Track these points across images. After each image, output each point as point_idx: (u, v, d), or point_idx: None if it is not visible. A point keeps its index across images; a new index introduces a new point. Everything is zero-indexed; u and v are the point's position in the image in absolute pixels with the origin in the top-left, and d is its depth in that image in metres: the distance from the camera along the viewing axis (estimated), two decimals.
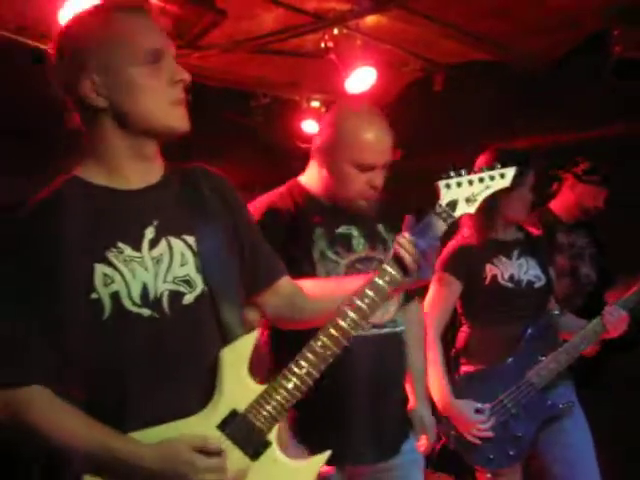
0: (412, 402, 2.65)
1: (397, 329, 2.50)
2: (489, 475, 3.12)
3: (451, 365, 3.21)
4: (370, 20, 3.84)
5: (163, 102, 1.69)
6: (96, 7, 1.76)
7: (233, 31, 3.91)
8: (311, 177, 2.54)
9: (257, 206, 2.41)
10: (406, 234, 1.83)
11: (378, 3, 3.60)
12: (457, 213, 1.88)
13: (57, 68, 1.73)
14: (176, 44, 3.75)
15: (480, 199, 1.90)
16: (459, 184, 1.89)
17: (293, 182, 2.57)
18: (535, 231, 3.34)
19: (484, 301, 3.18)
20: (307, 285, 2.00)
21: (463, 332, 3.29)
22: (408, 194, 2.89)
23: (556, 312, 3.22)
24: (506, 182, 1.93)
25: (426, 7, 3.67)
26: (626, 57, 3.75)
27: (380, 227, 2.54)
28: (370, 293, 1.78)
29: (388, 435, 2.47)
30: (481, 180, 1.91)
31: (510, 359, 3.12)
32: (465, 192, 1.89)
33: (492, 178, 1.91)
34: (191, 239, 1.75)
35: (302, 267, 2.32)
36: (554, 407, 3.11)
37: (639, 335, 3.24)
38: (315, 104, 4.97)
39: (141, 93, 1.68)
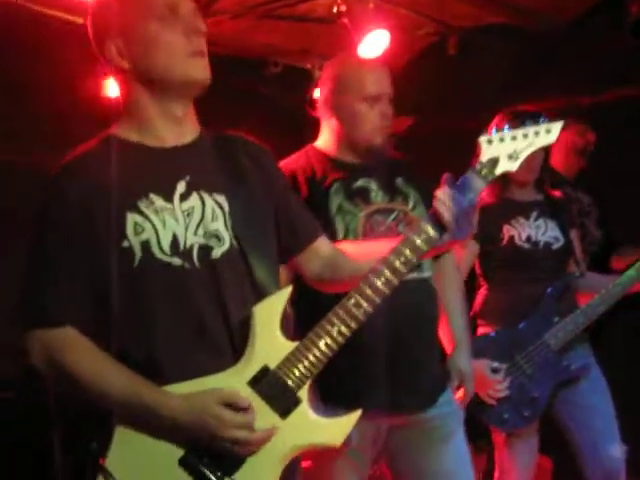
0: (449, 350, 2.64)
1: (424, 274, 2.48)
2: (504, 435, 3.13)
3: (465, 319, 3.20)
4: None
5: (180, 54, 1.70)
6: None
7: None
8: (325, 139, 2.57)
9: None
10: (446, 189, 1.75)
11: None
12: (498, 171, 1.78)
13: (90, 31, 1.80)
14: None
15: (523, 156, 1.79)
16: (501, 139, 1.78)
17: (308, 147, 2.60)
18: (557, 193, 3.31)
19: (501, 262, 3.17)
20: (346, 246, 2.03)
21: (481, 294, 3.28)
22: (422, 157, 2.88)
23: (575, 274, 3.20)
24: (552, 138, 1.80)
25: None
26: None
27: (399, 180, 2.53)
28: (406, 252, 1.73)
29: (424, 385, 2.46)
30: (525, 136, 1.79)
31: (527, 320, 3.11)
32: (507, 148, 1.78)
33: (537, 134, 1.79)
34: (221, 198, 1.77)
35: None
36: (570, 369, 3.10)
37: None
38: None
39: (157, 47, 1.71)
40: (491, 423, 3.10)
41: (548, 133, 1.80)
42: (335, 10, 3.95)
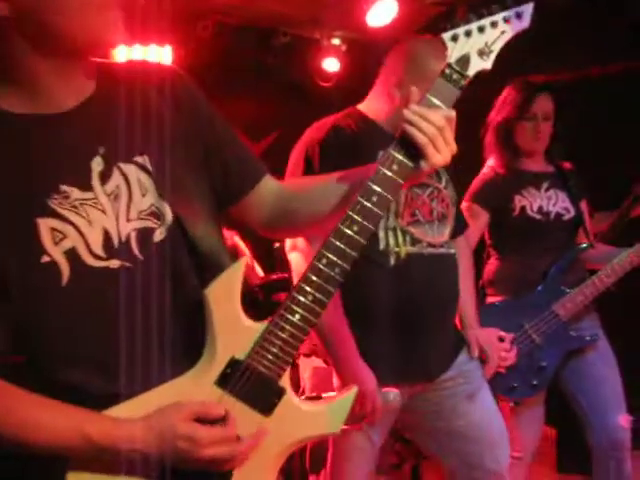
0: (460, 326, 2.67)
1: (451, 250, 2.51)
2: (512, 404, 3.16)
3: (478, 295, 3.22)
4: None
5: (89, 8, 1.29)
6: None
7: None
8: (375, 105, 2.51)
9: (321, 125, 2.41)
10: (414, 106, 1.42)
11: None
12: (470, 71, 1.45)
13: None
14: None
15: (496, 49, 1.47)
16: (468, 33, 1.45)
17: (352, 109, 2.55)
18: (566, 165, 3.32)
19: (512, 232, 3.18)
20: (292, 184, 1.73)
21: (491, 263, 3.29)
22: None
23: (584, 245, 3.21)
24: (524, 23, 1.48)
25: None
26: None
27: None
28: (377, 188, 1.41)
29: (440, 351, 2.49)
30: (494, 24, 1.46)
31: (536, 290, 3.12)
32: (477, 43, 1.45)
33: (507, 20, 1.46)
34: (144, 159, 1.40)
35: None
36: (579, 339, 3.12)
37: None
38: (335, 42, 4.94)
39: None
40: (499, 392, 3.11)
41: (519, 18, 1.47)
42: None
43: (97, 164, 1.36)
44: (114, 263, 1.35)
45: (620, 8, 3.90)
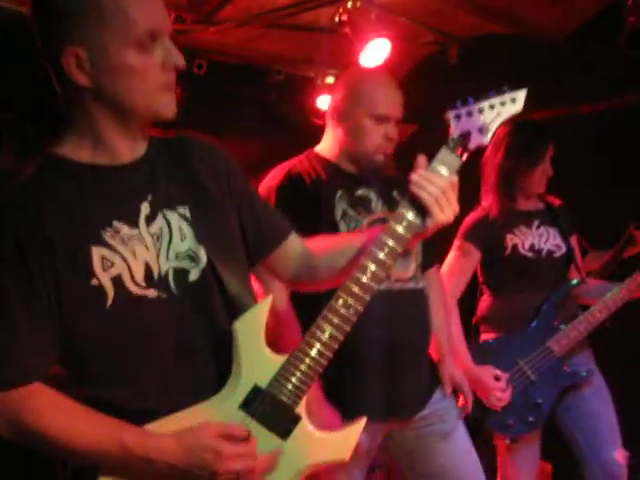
0: (436, 359, 2.68)
1: (420, 285, 2.54)
2: (508, 441, 3.15)
3: (472, 333, 3.24)
4: None
5: (152, 87, 1.54)
6: None
7: (248, 5, 3.93)
8: (327, 145, 2.61)
9: (277, 171, 2.49)
10: (421, 171, 1.66)
11: None
12: (472, 145, 1.71)
13: (38, 32, 1.55)
14: (191, 18, 3.82)
15: (494, 127, 1.73)
16: (469, 113, 1.71)
17: (309, 152, 2.64)
18: (556, 201, 3.35)
19: (505, 270, 3.20)
20: (313, 242, 1.91)
21: (484, 301, 3.32)
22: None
23: (576, 280, 3.23)
24: (518, 106, 1.75)
25: None
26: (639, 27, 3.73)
27: (395, 193, 2.57)
28: (389, 242, 1.64)
29: (415, 389, 2.51)
30: (492, 107, 1.73)
31: (530, 327, 3.14)
32: (477, 121, 1.71)
33: (503, 104, 1.73)
34: (185, 209, 1.64)
35: (322, 228, 2.32)
36: (573, 375, 3.13)
37: None
38: (330, 80, 4.97)
39: (129, 76, 1.52)
40: (495, 429, 3.12)
41: (513, 102, 1.75)
42: (337, 19, 3.98)
43: (145, 208, 1.60)
44: (152, 293, 1.56)
45: (610, 47, 3.95)
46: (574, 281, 3.23)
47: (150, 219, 1.60)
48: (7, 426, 1.49)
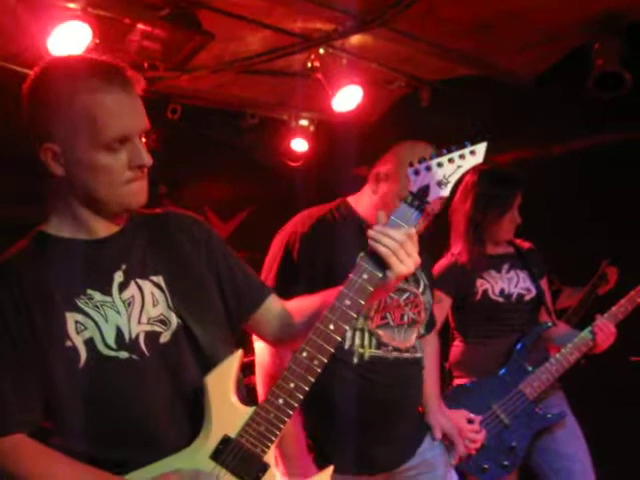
0: (422, 409, 2.69)
1: (417, 355, 2.54)
2: None
3: (445, 378, 3.25)
4: (355, 39, 3.90)
5: (117, 182, 1.66)
6: (76, 68, 1.68)
7: (221, 52, 3.98)
8: (363, 201, 2.56)
9: (306, 218, 2.46)
10: (377, 227, 1.72)
11: (362, 23, 3.65)
12: (430, 198, 1.74)
13: (26, 114, 1.69)
14: (165, 66, 3.86)
15: (453, 180, 1.75)
16: (428, 168, 1.73)
17: (340, 201, 2.59)
18: (525, 244, 3.39)
19: (475, 316, 3.23)
20: (292, 303, 1.97)
21: (456, 346, 3.33)
22: None
23: (547, 324, 3.25)
24: (478, 159, 1.77)
25: (408, 26, 3.73)
26: (607, 70, 3.80)
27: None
28: (349, 293, 1.69)
29: (401, 443, 2.50)
30: (451, 160, 1.74)
31: (502, 371, 3.16)
32: (436, 175, 1.73)
33: (462, 157, 1.75)
34: (159, 278, 1.75)
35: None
36: (547, 417, 3.15)
37: None
38: (303, 123, 5.03)
39: (98, 174, 1.65)
40: (471, 473, 3.12)
41: (473, 155, 1.76)
42: (309, 65, 4.03)
43: (118, 276, 1.72)
44: (123, 354, 1.66)
45: (580, 86, 4.02)
46: (545, 324, 3.25)
47: (123, 286, 1.71)
48: None
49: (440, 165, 1.74)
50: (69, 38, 3.22)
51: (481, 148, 1.78)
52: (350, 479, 2.35)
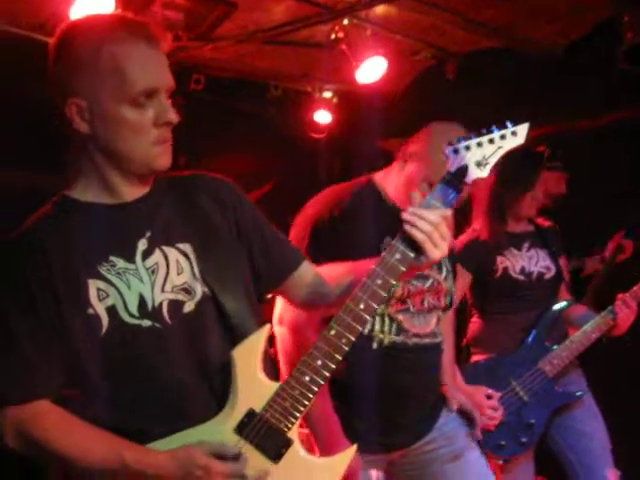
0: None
1: (436, 340, 2.51)
2: (501, 462, 3.15)
3: (463, 354, 3.24)
4: (379, 10, 3.84)
5: (145, 142, 1.63)
6: (102, 22, 1.68)
7: (245, 22, 3.94)
8: (389, 179, 2.49)
9: (331, 201, 2.38)
10: (411, 208, 1.68)
11: None
12: (469, 179, 1.71)
13: (52, 71, 1.67)
14: (188, 36, 3.84)
15: (493, 161, 1.73)
16: (467, 148, 1.71)
17: (368, 180, 2.50)
18: (545, 222, 3.35)
19: (495, 293, 3.21)
20: (325, 270, 1.94)
21: (474, 322, 3.32)
22: None
23: (566, 302, 3.23)
24: (520, 139, 1.74)
25: None
26: (638, 42, 3.72)
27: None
28: (381, 272, 1.67)
29: (421, 418, 2.49)
30: (491, 141, 1.71)
31: (522, 347, 3.15)
32: (475, 155, 1.71)
33: (503, 137, 1.72)
34: (186, 246, 1.72)
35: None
36: (566, 395, 3.15)
37: None
38: (327, 94, 4.99)
39: (124, 130, 1.62)
40: (488, 450, 3.11)
41: (514, 136, 1.73)
42: (334, 37, 3.98)
43: (142, 244, 1.69)
44: (146, 323, 1.65)
45: (609, 60, 3.94)
46: (564, 303, 3.23)
47: (147, 254, 1.68)
48: (18, 439, 1.63)
49: (480, 145, 1.71)
50: (92, 7, 3.20)
51: (523, 129, 1.74)
52: (367, 457, 2.33)
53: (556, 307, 3.21)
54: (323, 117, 4.95)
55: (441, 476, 2.48)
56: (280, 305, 2.30)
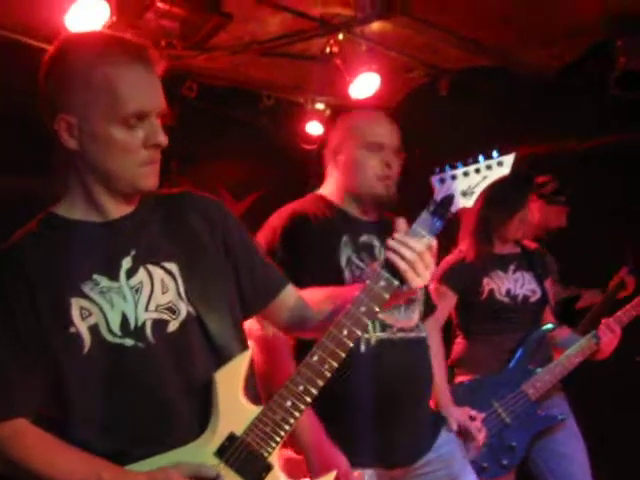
0: (434, 406, 2.69)
1: (422, 334, 2.52)
2: None
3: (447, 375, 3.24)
4: (375, 26, 3.86)
5: (133, 162, 1.62)
6: (99, 39, 1.69)
7: (240, 33, 3.95)
8: (330, 188, 2.58)
9: (283, 212, 2.46)
10: (397, 235, 1.68)
11: (382, 10, 3.61)
12: (454, 208, 1.71)
13: (43, 85, 1.65)
14: (183, 45, 3.84)
15: (478, 191, 1.74)
16: (454, 177, 1.71)
17: (312, 195, 2.60)
18: (532, 245, 3.37)
19: (480, 314, 3.22)
20: (307, 294, 1.93)
21: (458, 343, 3.33)
22: (411, 197, 2.91)
23: (550, 325, 3.25)
24: (505, 170, 1.75)
25: (429, 14, 3.69)
26: (630, 68, 3.74)
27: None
28: (365, 299, 1.67)
29: (417, 436, 2.49)
30: (477, 171, 1.72)
31: (505, 369, 3.16)
32: (461, 185, 1.71)
33: (489, 167, 1.73)
34: (172, 265, 1.70)
35: (329, 273, 2.34)
36: (548, 419, 3.15)
37: None
38: (319, 106, 4.99)
39: (113, 149, 1.61)
40: None
41: (500, 166, 1.74)
42: (328, 50, 4.00)
43: (127, 262, 1.67)
44: (128, 342, 1.63)
45: (601, 83, 3.97)
46: (549, 325, 3.25)
47: (131, 272, 1.66)
48: None
49: (466, 175, 1.72)
50: (87, 15, 3.20)
51: (509, 159, 1.75)
52: (367, 472, 2.34)
53: (540, 330, 3.22)
54: (315, 128, 4.95)
55: None
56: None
